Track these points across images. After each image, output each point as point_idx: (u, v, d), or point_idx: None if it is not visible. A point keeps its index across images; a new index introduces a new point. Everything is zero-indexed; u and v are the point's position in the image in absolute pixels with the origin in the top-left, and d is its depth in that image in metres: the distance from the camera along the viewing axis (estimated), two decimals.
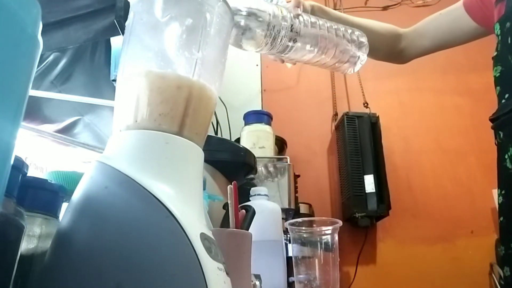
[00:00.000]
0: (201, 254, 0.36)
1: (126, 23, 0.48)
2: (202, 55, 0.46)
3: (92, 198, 0.38)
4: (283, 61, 0.83)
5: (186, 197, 0.40)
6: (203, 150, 0.45)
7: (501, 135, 0.80)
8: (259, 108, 1.81)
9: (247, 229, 0.61)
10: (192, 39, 0.46)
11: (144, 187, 0.37)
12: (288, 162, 1.45)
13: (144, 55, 0.46)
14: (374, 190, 1.86)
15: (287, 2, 0.77)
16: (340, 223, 0.89)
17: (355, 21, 0.95)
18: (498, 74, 0.81)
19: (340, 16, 0.94)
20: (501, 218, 0.80)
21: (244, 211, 0.63)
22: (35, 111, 1.14)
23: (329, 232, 0.88)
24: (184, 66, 0.45)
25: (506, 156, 0.78)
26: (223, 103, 1.64)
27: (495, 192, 1.90)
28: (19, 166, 0.38)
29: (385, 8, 2.45)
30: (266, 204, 0.91)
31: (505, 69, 0.80)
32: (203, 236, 0.38)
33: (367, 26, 0.97)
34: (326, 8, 0.92)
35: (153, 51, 0.46)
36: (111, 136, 0.43)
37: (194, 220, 0.39)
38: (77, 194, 0.39)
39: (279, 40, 0.71)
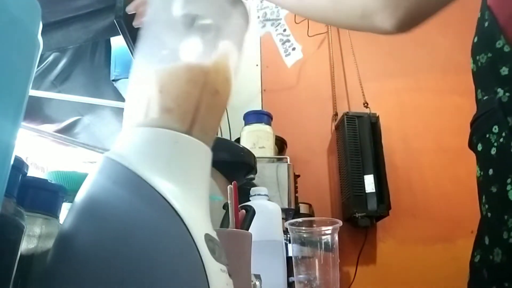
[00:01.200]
0: (205, 255, 0.36)
1: (144, 19, 0.48)
2: (216, 56, 0.46)
3: (98, 194, 0.38)
4: None
5: (192, 197, 0.40)
6: None
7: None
8: (259, 108, 1.81)
9: (247, 229, 0.61)
10: (209, 39, 0.45)
11: (151, 185, 0.37)
12: (288, 162, 1.45)
13: (158, 52, 0.46)
14: (374, 190, 1.86)
15: None
16: (340, 223, 0.89)
17: None
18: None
19: None
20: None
21: (244, 211, 0.63)
22: (35, 111, 1.14)
23: (329, 232, 0.88)
24: (197, 65, 0.45)
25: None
26: None
27: None
28: (19, 166, 0.38)
29: None
30: (266, 204, 0.91)
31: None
32: (208, 237, 0.38)
33: None
34: None
35: (168, 49, 0.46)
36: (121, 132, 0.43)
37: (199, 221, 0.39)
38: (84, 189, 0.38)
39: None
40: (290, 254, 0.94)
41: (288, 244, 0.99)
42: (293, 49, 1.82)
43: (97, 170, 0.39)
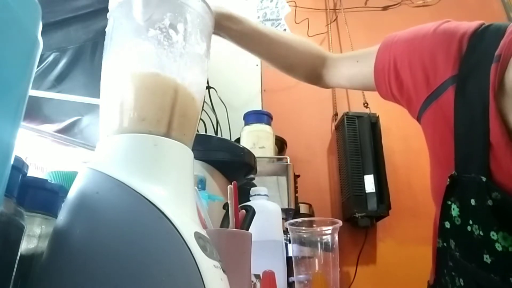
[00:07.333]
0: (196, 253, 0.36)
1: (106, 29, 0.48)
2: (185, 57, 0.46)
3: (84, 205, 0.38)
4: None
5: (177, 197, 0.40)
6: (203, 150, 0.45)
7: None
8: (259, 108, 1.81)
9: (247, 229, 0.61)
10: (173, 41, 0.46)
11: (135, 190, 0.37)
12: (288, 162, 1.45)
13: (126, 60, 0.46)
14: (374, 190, 1.86)
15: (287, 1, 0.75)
16: (340, 223, 0.89)
17: (273, 34, 0.85)
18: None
19: (255, 28, 0.82)
20: None
21: (244, 211, 0.63)
22: (35, 111, 1.14)
23: (329, 232, 0.88)
24: (167, 68, 0.45)
25: None
26: (223, 103, 1.64)
27: None
28: (19, 166, 0.38)
29: (385, 8, 2.45)
30: (266, 204, 0.91)
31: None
32: (197, 235, 0.38)
33: (287, 41, 0.88)
34: (239, 17, 0.78)
35: (135, 56, 0.46)
36: (99, 142, 0.43)
37: (187, 220, 0.39)
38: (69, 202, 0.39)
39: None
40: (290, 254, 0.94)
41: (288, 244, 0.99)
42: None
43: (80, 181, 0.40)
